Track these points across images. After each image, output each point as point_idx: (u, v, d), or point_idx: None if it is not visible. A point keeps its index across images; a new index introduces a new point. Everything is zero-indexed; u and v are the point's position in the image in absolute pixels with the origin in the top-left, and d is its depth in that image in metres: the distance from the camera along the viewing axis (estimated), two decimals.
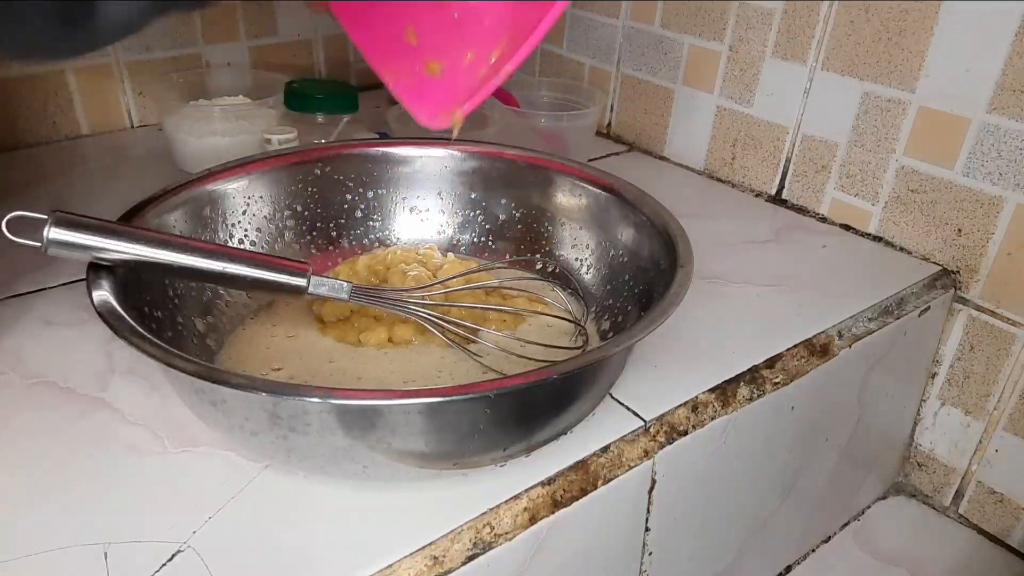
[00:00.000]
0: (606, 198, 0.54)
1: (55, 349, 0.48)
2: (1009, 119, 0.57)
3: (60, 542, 0.35)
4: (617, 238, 0.53)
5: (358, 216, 0.58)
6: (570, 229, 0.56)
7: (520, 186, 0.58)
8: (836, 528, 0.68)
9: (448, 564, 0.36)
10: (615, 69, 0.86)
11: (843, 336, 0.55)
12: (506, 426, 0.38)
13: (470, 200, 0.59)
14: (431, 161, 0.58)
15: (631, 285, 0.51)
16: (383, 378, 0.46)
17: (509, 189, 0.58)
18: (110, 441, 0.41)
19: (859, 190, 0.68)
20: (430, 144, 0.58)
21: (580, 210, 0.56)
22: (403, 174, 0.58)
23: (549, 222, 0.57)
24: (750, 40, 0.72)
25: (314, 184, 0.56)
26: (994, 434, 0.64)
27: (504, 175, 0.58)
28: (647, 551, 0.48)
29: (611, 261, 0.53)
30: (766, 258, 0.64)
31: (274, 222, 0.54)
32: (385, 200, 0.58)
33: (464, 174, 0.58)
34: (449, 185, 0.58)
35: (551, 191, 0.57)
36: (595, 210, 0.55)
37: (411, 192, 0.58)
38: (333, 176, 0.56)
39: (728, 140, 0.77)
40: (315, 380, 0.45)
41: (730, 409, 0.48)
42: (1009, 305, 0.61)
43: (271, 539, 0.36)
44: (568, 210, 0.56)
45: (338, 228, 0.57)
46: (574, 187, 0.56)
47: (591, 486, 0.41)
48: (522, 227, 0.58)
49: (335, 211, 0.57)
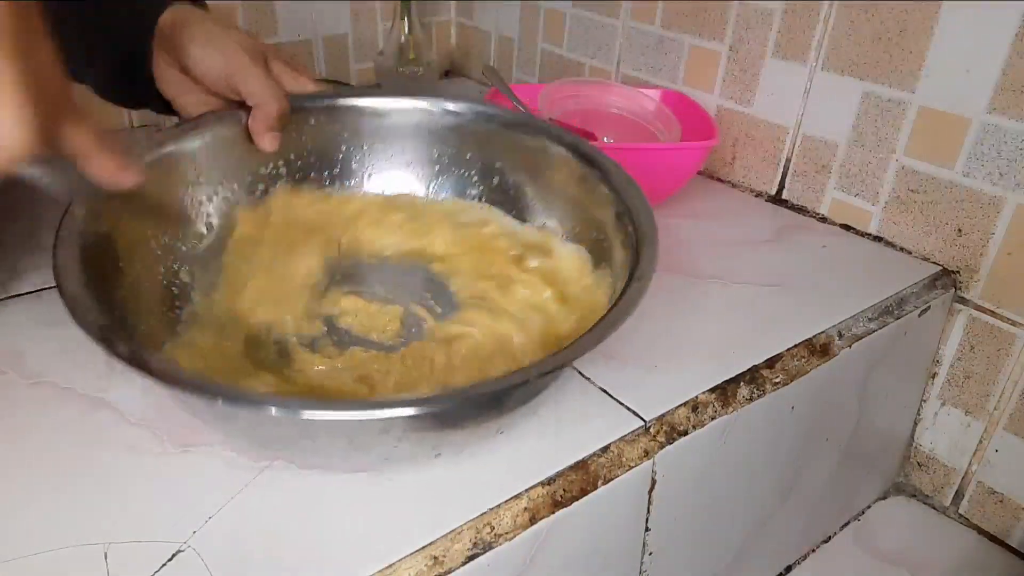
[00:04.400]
0: (594, 176, 0.52)
1: (55, 349, 0.48)
2: (1009, 119, 0.57)
3: (60, 542, 0.35)
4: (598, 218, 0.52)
5: (352, 167, 0.57)
6: (557, 198, 0.55)
7: (515, 149, 0.56)
8: (836, 528, 0.68)
9: (448, 564, 0.36)
10: (615, 69, 0.86)
11: (843, 336, 0.55)
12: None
13: (464, 159, 0.58)
14: (424, 115, 0.57)
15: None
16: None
17: (504, 152, 0.57)
18: (110, 441, 0.41)
19: (859, 190, 0.68)
20: (423, 98, 0.57)
21: (568, 184, 0.54)
22: (394, 127, 0.57)
23: (541, 190, 0.56)
24: (750, 40, 0.72)
25: (306, 133, 0.55)
26: (994, 434, 0.64)
27: (498, 136, 0.57)
28: (647, 551, 0.48)
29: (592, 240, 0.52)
30: (766, 258, 0.64)
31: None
32: (379, 152, 0.58)
33: (457, 130, 0.57)
34: (441, 142, 0.58)
35: (545, 160, 0.55)
36: (582, 187, 0.53)
37: (406, 145, 0.58)
38: (326, 127, 0.56)
39: (728, 140, 0.77)
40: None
41: (730, 409, 0.48)
42: (1009, 305, 0.61)
43: (271, 539, 0.36)
44: (557, 182, 0.55)
45: (331, 178, 0.57)
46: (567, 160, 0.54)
47: (591, 486, 0.41)
48: (514, 192, 0.57)
49: (328, 161, 0.56)
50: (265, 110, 0.50)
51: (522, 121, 0.57)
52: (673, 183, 0.69)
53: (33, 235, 0.60)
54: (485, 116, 0.57)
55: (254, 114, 0.50)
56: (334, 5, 0.93)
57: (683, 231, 0.67)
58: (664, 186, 0.69)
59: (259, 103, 0.50)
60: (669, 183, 0.69)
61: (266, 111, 0.50)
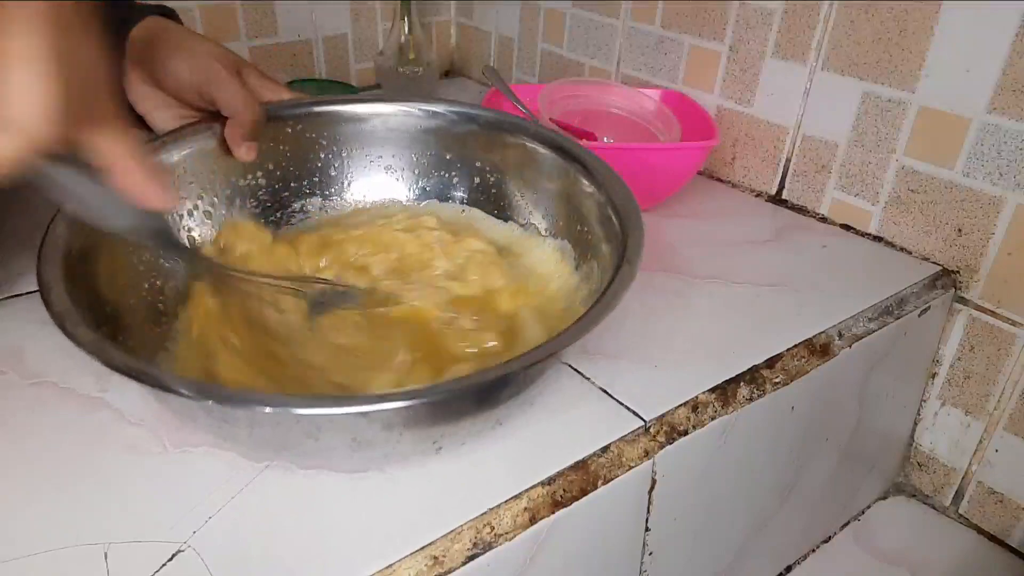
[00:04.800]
0: (574, 169, 0.52)
1: (55, 349, 0.48)
2: (1009, 119, 0.57)
3: (60, 542, 0.35)
4: (581, 212, 0.52)
5: (332, 174, 0.57)
6: (540, 196, 0.55)
7: (495, 149, 0.56)
8: (836, 528, 0.68)
9: (448, 564, 0.36)
10: (615, 69, 0.86)
11: (843, 336, 0.55)
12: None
13: (445, 161, 0.58)
14: (401, 119, 0.57)
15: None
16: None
17: (484, 152, 0.57)
18: (110, 441, 0.41)
19: (859, 190, 0.68)
20: (400, 102, 0.57)
21: (548, 179, 0.54)
22: (372, 132, 0.57)
23: (523, 187, 0.56)
24: (750, 40, 0.72)
25: (285, 142, 0.55)
26: (994, 434, 0.64)
27: (478, 137, 0.57)
28: (647, 551, 0.48)
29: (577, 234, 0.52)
30: (766, 258, 0.64)
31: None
32: (358, 158, 0.58)
33: (435, 132, 0.57)
34: (422, 145, 0.58)
35: (524, 157, 0.55)
36: (564, 181, 0.53)
37: (385, 151, 0.58)
38: (305, 134, 0.56)
39: (728, 140, 0.77)
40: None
41: (730, 409, 0.48)
42: (1009, 305, 0.61)
43: (271, 539, 0.36)
44: (537, 178, 0.55)
45: (312, 187, 0.57)
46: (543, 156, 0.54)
47: (591, 486, 0.41)
48: (496, 191, 0.57)
49: (307, 170, 0.56)
50: (240, 120, 0.50)
51: (500, 119, 0.56)
52: (673, 183, 0.69)
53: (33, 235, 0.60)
54: (465, 117, 0.56)
55: (230, 124, 0.50)
56: (334, 5, 0.93)
57: (683, 231, 0.67)
58: (664, 186, 0.69)
59: (234, 113, 0.50)
60: (669, 183, 0.69)
61: (241, 120, 0.50)
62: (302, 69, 0.93)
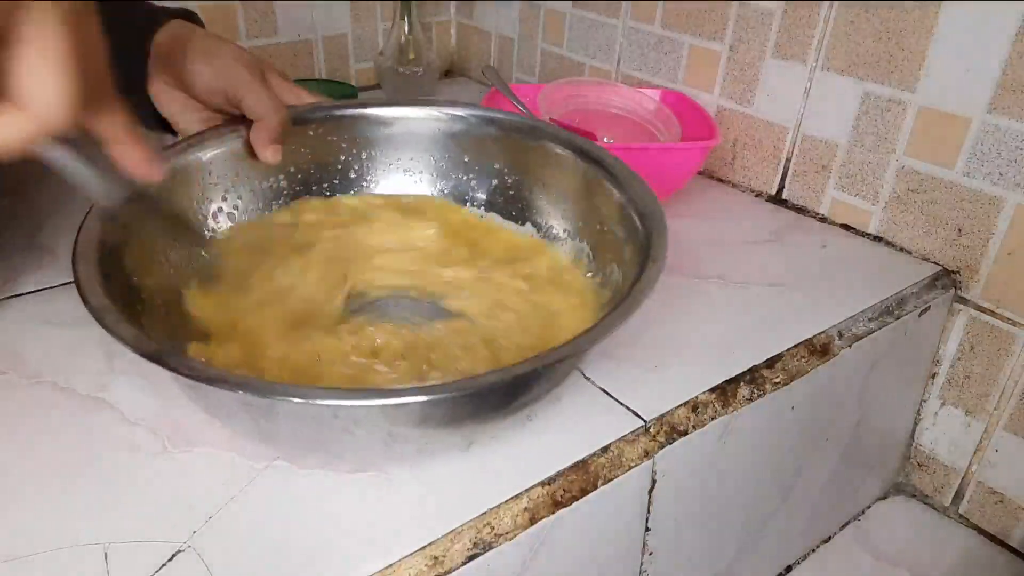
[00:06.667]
0: (594, 171, 0.52)
1: (55, 349, 0.48)
2: (1009, 119, 0.57)
3: (60, 542, 0.35)
4: (601, 212, 0.52)
5: (352, 177, 0.58)
6: (559, 199, 0.55)
7: (513, 151, 0.57)
8: (836, 528, 0.68)
9: (448, 564, 0.36)
10: (615, 69, 0.86)
11: (843, 336, 0.55)
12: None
13: (463, 163, 0.58)
14: (422, 123, 0.57)
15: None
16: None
17: (502, 154, 0.57)
18: (110, 441, 0.41)
19: (859, 190, 0.68)
20: (420, 106, 0.57)
21: (568, 181, 0.55)
22: (393, 135, 0.58)
23: (540, 190, 0.56)
24: (750, 40, 0.72)
25: (307, 145, 0.56)
26: (994, 434, 0.64)
27: (496, 139, 0.57)
28: (647, 551, 0.48)
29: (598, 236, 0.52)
30: (766, 258, 0.64)
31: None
32: (378, 161, 0.58)
33: (455, 136, 0.57)
34: (441, 148, 0.58)
35: (542, 159, 0.55)
36: (582, 183, 0.53)
37: (404, 154, 0.58)
38: (327, 137, 0.56)
39: (728, 140, 0.77)
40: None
41: (730, 409, 0.48)
42: (1009, 305, 0.61)
43: (271, 539, 0.36)
44: (557, 180, 0.55)
45: (332, 189, 0.57)
46: (565, 157, 0.54)
47: (591, 486, 0.41)
48: (513, 193, 0.57)
49: (328, 172, 0.57)
50: (266, 123, 0.50)
51: (520, 122, 0.57)
52: (673, 183, 0.69)
53: (33, 235, 0.60)
54: (485, 120, 0.57)
55: (255, 127, 0.50)
56: (334, 5, 0.93)
57: (683, 231, 0.67)
58: (664, 186, 0.69)
59: (261, 116, 0.50)
60: (669, 183, 0.69)
61: (267, 123, 0.50)
62: (302, 69, 0.93)
